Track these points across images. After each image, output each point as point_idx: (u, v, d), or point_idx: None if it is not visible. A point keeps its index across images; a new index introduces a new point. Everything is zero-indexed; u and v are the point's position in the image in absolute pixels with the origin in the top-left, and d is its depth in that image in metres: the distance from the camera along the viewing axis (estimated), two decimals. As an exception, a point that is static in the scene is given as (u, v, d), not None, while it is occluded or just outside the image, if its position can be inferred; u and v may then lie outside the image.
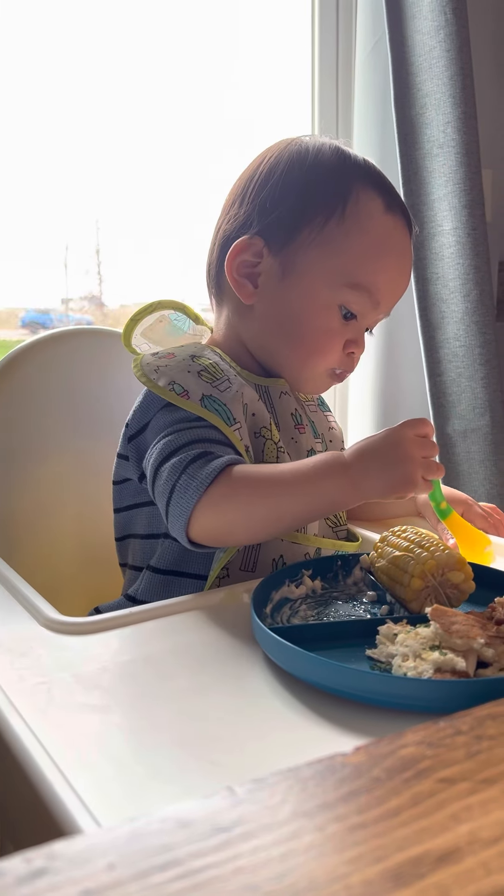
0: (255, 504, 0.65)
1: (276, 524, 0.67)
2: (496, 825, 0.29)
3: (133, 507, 0.81)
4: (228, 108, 1.57)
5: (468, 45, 1.54)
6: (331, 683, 0.49)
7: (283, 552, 0.73)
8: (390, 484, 0.66)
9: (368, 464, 0.66)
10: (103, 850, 0.27)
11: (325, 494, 0.66)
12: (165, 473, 0.68)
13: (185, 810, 0.30)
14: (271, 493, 0.65)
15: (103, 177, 1.47)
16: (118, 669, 0.53)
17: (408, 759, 0.33)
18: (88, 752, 0.44)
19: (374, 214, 0.77)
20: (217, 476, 0.65)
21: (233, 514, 0.65)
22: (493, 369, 1.63)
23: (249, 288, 0.79)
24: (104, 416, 0.98)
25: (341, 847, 0.28)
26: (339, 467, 0.66)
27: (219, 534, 0.67)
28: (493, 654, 0.51)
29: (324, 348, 0.79)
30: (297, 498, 0.66)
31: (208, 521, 0.65)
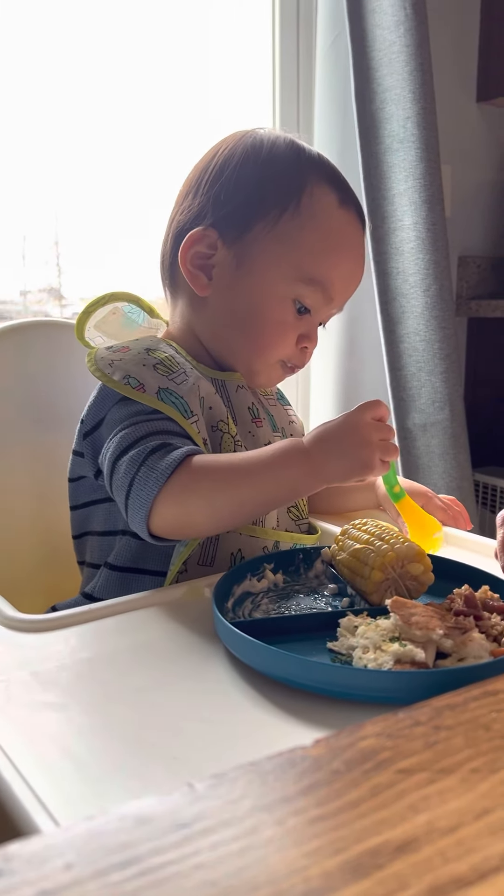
0: (216, 493, 0.65)
1: (238, 513, 0.66)
2: (453, 814, 0.29)
3: (90, 504, 0.80)
4: (189, 101, 1.56)
5: (427, 40, 1.55)
6: (292, 676, 0.49)
7: (242, 546, 0.73)
8: (349, 468, 0.66)
9: (327, 448, 0.66)
10: (60, 850, 0.27)
11: (285, 481, 0.66)
12: (123, 467, 0.67)
13: (144, 807, 0.29)
14: (232, 481, 0.65)
15: (62, 166, 1.45)
16: (77, 667, 0.53)
17: (367, 751, 0.33)
18: (47, 751, 0.43)
19: (328, 209, 0.77)
20: (177, 467, 0.64)
21: (194, 505, 0.65)
22: (452, 363, 1.65)
23: (203, 279, 0.78)
24: (62, 410, 0.97)
25: (300, 840, 0.28)
26: (298, 454, 0.66)
27: (180, 525, 0.66)
28: (452, 645, 0.52)
29: (277, 341, 0.79)
30: (258, 486, 0.66)
31: (169, 512, 0.65)
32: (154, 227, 1.50)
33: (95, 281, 1.55)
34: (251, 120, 1.69)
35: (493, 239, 2.03)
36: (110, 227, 1.51)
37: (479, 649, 0.52)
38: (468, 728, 0.35)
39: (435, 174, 1.59)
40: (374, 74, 1.60)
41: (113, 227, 1.52)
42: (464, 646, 0.52)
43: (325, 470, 0.66)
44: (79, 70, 1.42)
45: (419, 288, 1.62)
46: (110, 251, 1.52)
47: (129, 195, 1.51)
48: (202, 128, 1.57)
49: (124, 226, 1.53)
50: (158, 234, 0.85)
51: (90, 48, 1.43)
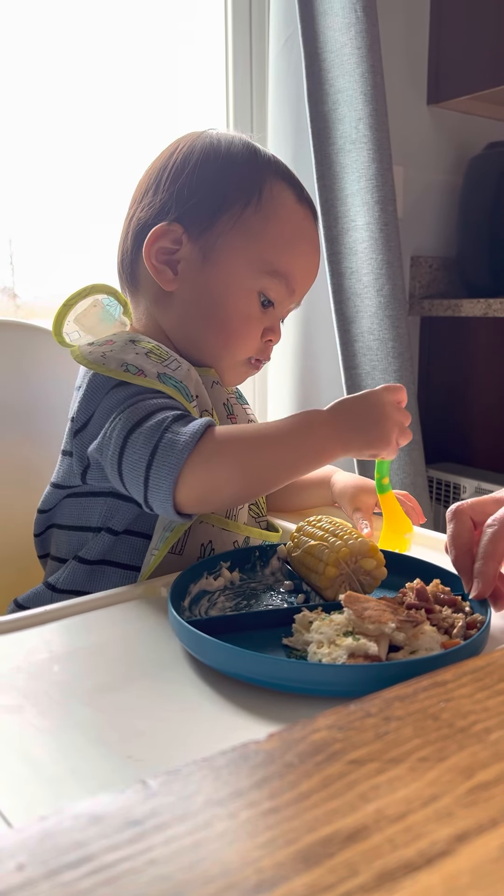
0: (245, 458, 0.65)
1: (267, 477, 0.67)
2: (402, 802, 0.30)
3: (60, 502, 0.79)
4: (142, 101, 1.55)
5: (378, 42, 1.57)
6: (247, 673, 0.50)
7: (213, 538, 0.74)
8: (369, 439, 0.68)
9: (350, 418, 0.69)
10: (12, 851, 0.27)
11: (312, 444, 0.67)
12: (141, 439, 0.65)
13: (98, 805, 0.29)
14: (260, 446, 0.66)
15: (14, 161, 1.43)
16: (33, 668, 0.53)
17: (319, 743, 0.34)
18: (2, 754, 0.43)
19: (287, 204, 0.79)
20: (202, 435, 0.64)
21: (224, 470, 0.64)
22: (405, 362, 1.67)
23: (169, 274, 0.78)
24: (14, 412, 0.96)
25: (254, 832, 0.28)
26: (321, 421, 0.68)
27: (208, 493, 0.65)
28: (404, 638, 0.53)
29: (244, 334, 0.79)
30: (285, 450, 0.66)
31: (198, 480, 0.63)
32: (111, 224, 1.49)
33: (53, 280, 1.53)
34: (205, 120, 1.69)
35: (444, 239, 2.06)
36: (65, 224, 1.50)
37: (431, 642, 0.53)
38: (417, 718, 0.36)
39: (387, 175, 1.61)
40: (326, 76, 1.61)
41: (68, 224, 1.50)
42: (416, 638, 0.53)
43: (348, 437, 0.68)
44: (33, 70, 1.41)
45: (372, 288, 1.64)
46: (66, 249, 1.50)
47: (85, 192, 1.50)
48: (155, 127, 1.56)
49: (80, 223, 1.51)
50: (116, 231, 0.85)
51: (43, 48, 1.41)
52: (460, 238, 2.02)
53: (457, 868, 0.26)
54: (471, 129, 2.04)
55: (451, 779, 0.31)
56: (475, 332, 1.95)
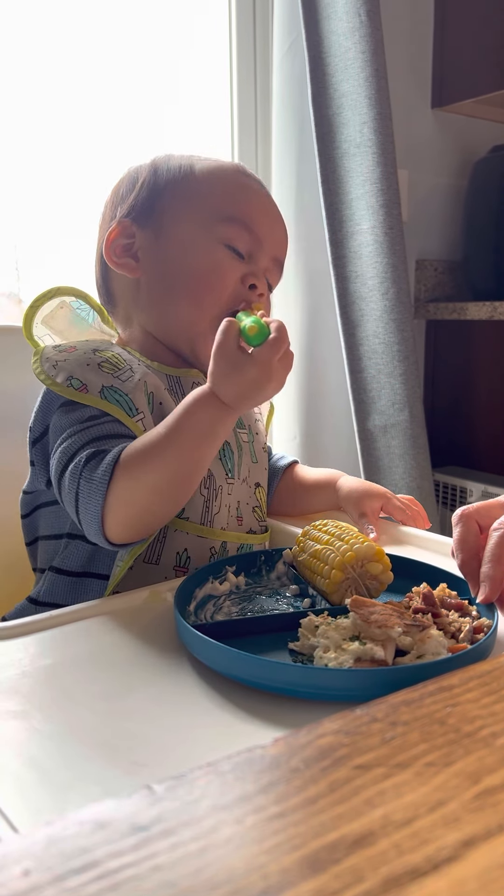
0: (152, 474, 0.64)
1: (183, 478, 0.67)
2: (408, 807, 0.30)
3: (36, 510, 0.80)
4: (146, 108, 1.56)
5: (382, 46, 1.57)
6: (253, 678, 0.50)
7: (189, 545, 0.73)
8: (258, 397, 0.67)
9: (230, 386, 0.66)
10: (18, 857, 0.27)
11: (202, 424, 0.66)
12: (66, 483, 0.67)
13: (103, 811, 0.29)
14: (160, 453, 0.65)
15: (22, 169, 1.43)
16: (38, 674, 0.53)
17: (325, 748, 0.34)
18: (8, 759, 0.43)
19: (229, 171, 0.82)
20: (112, 470, 0.64)
21: (140, 496, 0.65)
22: (411, 366, 1.67)
23: (132, 263, 0.80)
24: (19, 418, 0.96)
25: (259, 838, 0.28)
26: (203, 397, 0.66)
27: (137, 521, 0.66)
28: (411, 643, 0.53)
29: (215, 281, 0.78)
30: (183, 441, 0.65)
31: (122, 514, 0.65)
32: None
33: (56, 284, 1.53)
34: (209, 124, 1.69)
35: (450, 242, 2.06)
36: (70, 229, 1.50)
37: (438, 646, 0.53)
38: (424, 723, 0.36)
39: (391, 179, 1.61)
40: (330, 80, 1.61)
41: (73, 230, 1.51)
42: (422, 643, 0.53)
43: (238, 407, 0.66)
44: (36, 75, 1.41)
45: (378, 291, 1.64)
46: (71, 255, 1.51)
47: (90, 197, 1.50)
48: (160, 133, 1.57)
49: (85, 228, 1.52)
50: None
51: (49, 57, 1.42)
52: (466, 241, 2.02)
53: (464, 874, 0.26)
54: (475, 133, 2.04)
55: (457, 784, 0.31)
56: (481, 336, 1.94)
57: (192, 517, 0.74)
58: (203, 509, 0.75)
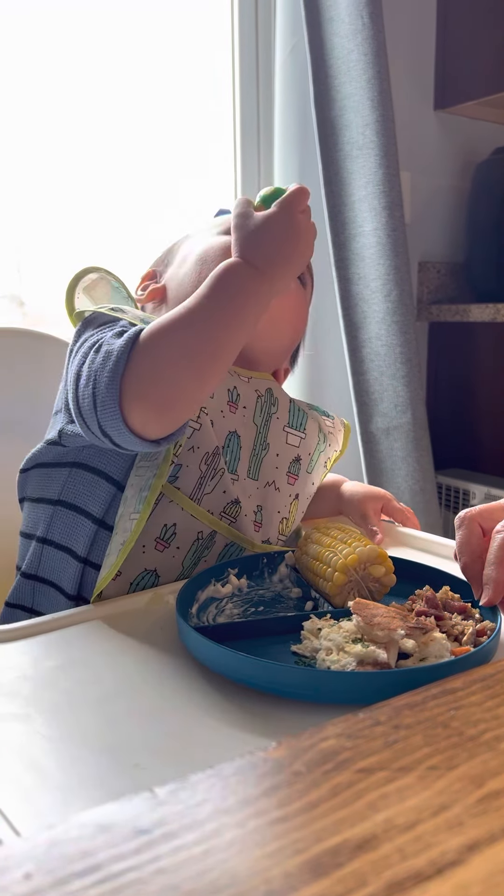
0: (178, 340, 0.61)
1: (212, 344, 0.62)
2: (411, 811, 0.30)
3: (33, 468, 0.78)
4: (149, 112, 1.56)
5: (385, 49, 1.57)
6: (256, 680, 0.49)
7: (178, 521, 0.71)
8: (290, 262, 0.66)
9: (263, 250, 0.64)
10: (20, 860, 0.27)
11: (233, 289, 0.63)
12: (83, 377, 0.63)
13: (105, 814, 0.29)
14: (187, 318, 0.62)
15: (21, 172, 1.43)
16: (40, 677, 0.52)
17: (328, 752, 0.34)
18: (9, 762, 0.43)
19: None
20: (133, 343, 0.61)
21: (164, 367, 0.61)
22: (413, 368, 1.67)
23: (153, 284, 0.83)
24: (20, 419, 0.96)
25: (262, 841, 0.28)
26: (232, 265, 0.64)
27: (161, 398, 0.61)
28: (414, 645, 0.53)
29: (217, 250, 0.78)
30: (211, 305, 0.62)
31: (143, 393, 0.60)
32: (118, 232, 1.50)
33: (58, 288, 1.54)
34: (212, 128, 1.70)
35: (452, 244, 2.06)
36: (72, 232, 1.51)
37: (441, 649, 0.53)
38: (427, 726, 0.36)
39: (394, 180, 1.61)
40: (332, 82, 1.61)
41: (75, 232, 1.51)
42: (425, 646, 0.53)
43: (270, 270, 0.64)
44: (38, 79, 1.41)
45: (380, 293, 1.64)
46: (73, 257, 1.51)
47: (91, 200, 1.50)
48: (162, 137, 1.57)
49: (86, 231, 1.52)
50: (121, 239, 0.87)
51: (51, 61, 1.42)
52: (468, 243, 2.02)
53: (467, 878, 0.26)
54: (478, 135, 2.04)
55: (461, 788, 0.31)
56: (483, 338, 1.94)
57: (182, 487, 0.71)
58: (196, 484, 0.72)
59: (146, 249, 0.88)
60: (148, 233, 1.50)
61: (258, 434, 0.79)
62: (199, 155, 1.64)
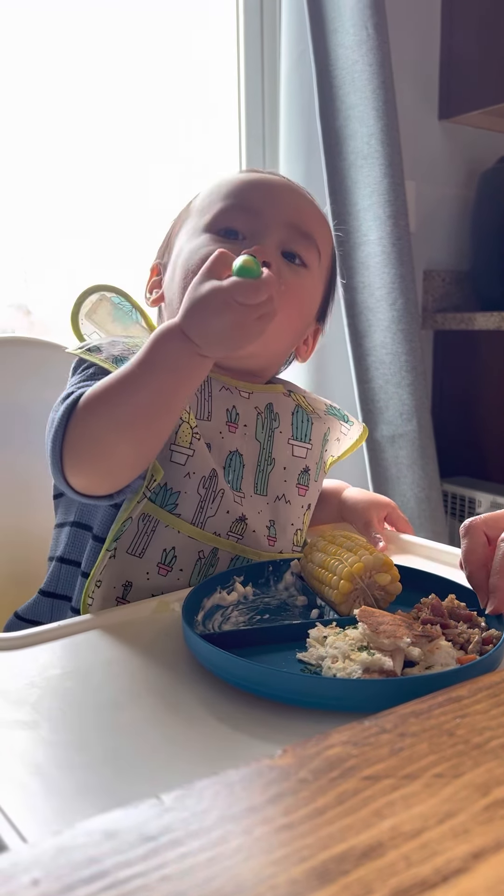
0: (113, 407, 0.63)
1: (145, 413, 0.63)
2: (417, 819, 0.30)
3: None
4: (155, 120, 1.57)
5: (389, 59, 1.58)
6: (262, 687, 0.50)
7: (177, 544, 0.71)
8: (221, 332, 0.61)
9: (194, 318, 0.62)
10: (27, 866, 0.27)
11: (166, 360, 0.63)
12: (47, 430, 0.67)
13: (112, 821, 0.29)
14: (121, 385, 0.63)
15: (28, 181, 1.44)
16: (47, 684, 0.53)
17: (334, 759, 0.34)
18: (16, 769, 0.43)
19: (227, 176, 0.81)
20: (75, 405, 0.64)
21: (99, 432, 0.63)
22: (419, 376, 1.67)
23: (158, 293, 0.84)
24: (32, 428, 0.97)
25: (268, 848, 0.28)
26: (169, 331, 0.63)
27: (95, 460, 0.65)
28: (420, 653, 0.53)
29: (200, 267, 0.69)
30: (145, 374, 0.63)
31: (79, 453, 0.64)
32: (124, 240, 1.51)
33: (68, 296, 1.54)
34: (218, 137, 1.71)
35: (457, 253, 2.06)
36: (78, 240, 1.52)
37: (447, 657, 0.53)
38: (433, 734, 0.36)
39: (399, 190, 1.61)
40: (337, 92, 1.62)
41: (81, 241, 1.52)
42: (431, 654, 0.53)
43: (205, 348, 0.62)
44: (43, 86, 1.43)
45: (385, 302, 1.64)
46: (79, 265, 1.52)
47: (97, 208, 1.51)
48: (168, 145, 1.58)
49: (93, 239, 1.53)
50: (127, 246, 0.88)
51: (57, 69, 1.44)
52: (473, 252, 2.02)
53: (473, 885, 0.26)
54: (482, 144, 2.04)
55: (466, 795, 0.31)
56: (489, 346, 1.94)
57: (183, 514, 0.71)
58: (197, 509, 0.72)
59: (151, 258, 0.88)
60: (154, 241, 1.51)
61: (262, 450, 0.80)
62: (204, 164, 1.65)
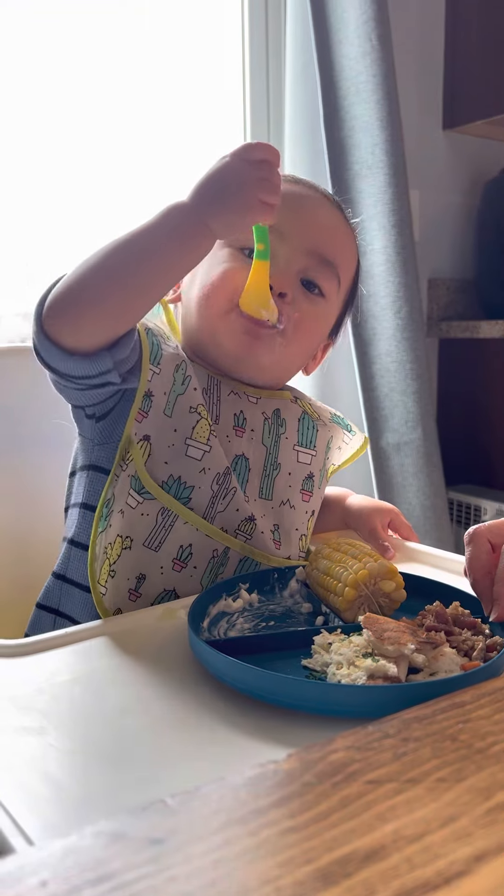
0: (102, 253, 0.65)
1: (134, 266, 0.65)
2: (420, 822, 0.30)
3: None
4: (161, 128, 1.58)
5: (393, 70, 1.59)
6: (267, 693, 0.50)
7: (193, 542, 0.72)
8: (229, 207, 0.65)
9: (207, 192, 0.66)
10: (35, 868, 0.27)
11: (172, 223, 0.66)
12: None
13: (119, 824, 0.30)
14: (120, 240, 0.65)
15: (32, 186, 1.45)
16: (54, 690, 0.53)
17: (337, 764, 0.34)
18: (24, 774, 0.43)
19: None
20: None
21: (82, 271, 0.65)
22: (424, 384, 1.67)
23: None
24: (40, 435, 0.97)
25: (273, 851, 0.29)
26: (181, 204, 0.66)
27: (67, 292, 0.66)
28: (424, 660, 0.53)
29: (220, 278, 0.76)
30: (142, 233, 0.65)
31: (59, 289, 0.66)
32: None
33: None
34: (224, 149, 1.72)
35: (462, 261, 2.07)
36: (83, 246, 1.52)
37: (451, 663, 0.53)
38: (435, 739, 0.36)
39: (403, 199, 1.62)
40: (342, 103, 1.63)
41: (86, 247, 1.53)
42: (435, 660, 0.53)
43: (207, 210, 0.65)
44: (50, 95, 1.44)
45: (390, 310, 1.65)
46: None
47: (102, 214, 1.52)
48: (173, 154, 1.59)
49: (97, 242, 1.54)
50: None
51: (65, 81, 1.45)
52: (477, 260, 2.03)
53: (475, 888, 0.27)
54: (486, 154, 2.05)
55: (469, 799, 0.31)
56: (494, 353, 1.95)
57: (196, 508, 0.73)
58: (209, 504, 0.74)
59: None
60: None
61: (268, 455, 0.80)
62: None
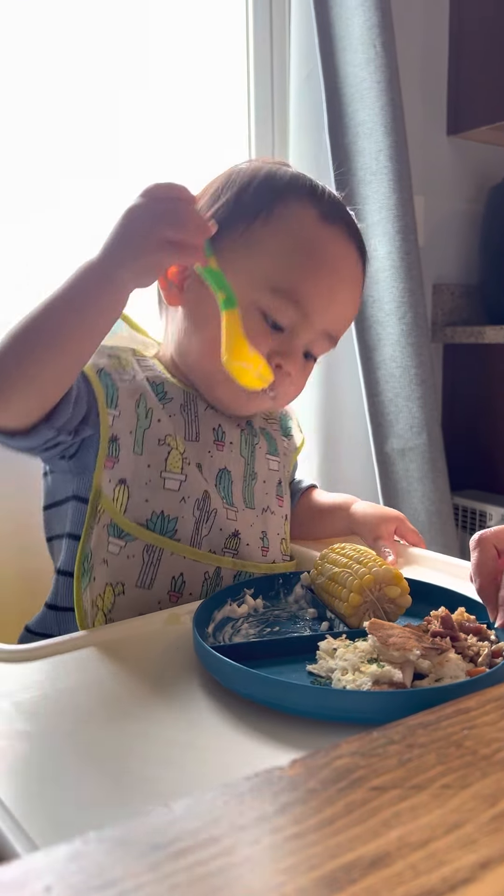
0: (16, 328, 0.62)
1: (46, 331, 0.62)
2: (425, 829, 0.30)
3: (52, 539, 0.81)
4: (165, 135, 1.59)
5: (397, 76, 1.60)
6: (272, 699, 0.50)
7: (184, 570, 0.73)
8: (135, 255, 0.62)
9: (111, 243, 0.63)
10: (39, 873, 0.27)
11: (76, 285, 0.63)
12: None
13: (123, 830, 0.30)
14: (25, 321, 0.62)
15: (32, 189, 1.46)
16: (59, 696, 0.53)
17: (342, 770, 0.34)
18: (28, 779, 0.43)
19: (304, 219, 0.74)
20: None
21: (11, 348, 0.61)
22: (428, 389, 1.67)
23: (175, 291, 0.78)
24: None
25: (277, 857, 0.29)
26: (88, 262, 0.64)
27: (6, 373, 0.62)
28: (429, 666, 0.53)
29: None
30: (50, 306, 0.62)
31: None
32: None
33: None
34: (227, 155, 1.72)
35: (466, 267, 2.07)
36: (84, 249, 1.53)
37: (456, 669, 0.53)
38: (440, 745, 0.36)
39: (407, 205, 1.63)
40: (346, 109, 1.64)
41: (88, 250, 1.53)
42: (441, 666, 0.53)
43: (112, 264, 0.62)
44: (53, 101, 1.45)
45: (395, 316, 1.65)
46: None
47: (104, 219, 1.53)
48: (178, 161, 1.60)
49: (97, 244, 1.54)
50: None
51: (66, 85, 1.46)
52: (482, 265, 2.02)
53: (480, 895, 0.26)
54: (491, 159, 2.05)
55: (474, 806, 0.31)
56: (498, 359, 1.94)
57: (182, 538, 0.73)
58: (193, 530, 0.74)
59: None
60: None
61: (247, 465, 0.82)
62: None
